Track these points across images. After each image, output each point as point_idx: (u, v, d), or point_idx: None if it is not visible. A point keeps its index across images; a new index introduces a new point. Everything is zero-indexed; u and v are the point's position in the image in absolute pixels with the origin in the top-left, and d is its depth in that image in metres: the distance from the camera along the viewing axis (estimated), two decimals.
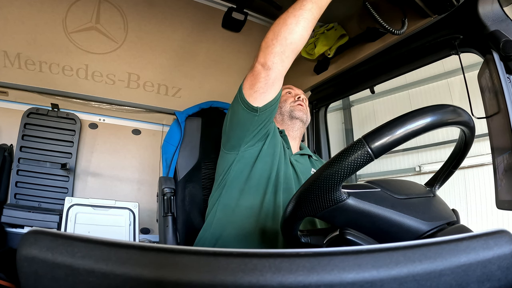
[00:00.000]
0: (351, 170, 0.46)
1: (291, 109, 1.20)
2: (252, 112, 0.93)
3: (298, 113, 1.20)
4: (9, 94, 1.75)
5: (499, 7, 0.83)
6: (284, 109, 1.22)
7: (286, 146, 1.13)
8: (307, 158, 1.19)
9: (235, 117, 0.97)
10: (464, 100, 0.89)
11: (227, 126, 1.01)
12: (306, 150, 1.23)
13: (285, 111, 1.21)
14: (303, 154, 1.19)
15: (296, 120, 1.19)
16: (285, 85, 1.22)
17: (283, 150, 1.09)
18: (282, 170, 1.02)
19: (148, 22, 1.47)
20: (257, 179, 0.98)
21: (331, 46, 1.28)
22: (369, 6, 0.93)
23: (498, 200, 0.81)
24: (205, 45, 1.61)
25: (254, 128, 0.97)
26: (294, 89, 1.26)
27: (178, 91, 1.87)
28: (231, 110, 1.00)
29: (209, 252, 0.26)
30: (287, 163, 1.07)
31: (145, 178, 2.08)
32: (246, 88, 0.93)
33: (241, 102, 0.93)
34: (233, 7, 1.42)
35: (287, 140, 1.16)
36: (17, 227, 1.62)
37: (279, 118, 1.22)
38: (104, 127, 2.02)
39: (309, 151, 1.25)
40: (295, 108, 1.20)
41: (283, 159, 1.06)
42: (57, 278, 0.25)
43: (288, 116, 1.20)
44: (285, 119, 1.21)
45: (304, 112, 1.21)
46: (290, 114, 1.20)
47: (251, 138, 0.99)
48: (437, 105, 0.49)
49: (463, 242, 0.28)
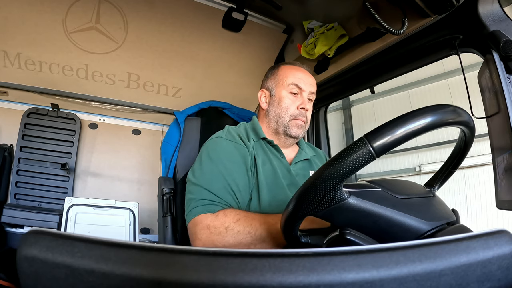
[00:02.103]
0: (353, 169, 0.46)
1: (288, 125, 1.02)
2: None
3: (295, 132, 1.02)
4: (9, 94, 1.75)
5: (499, 7, 0.83)
6: (281, 120, 1.02)
7: (279, 155, 1.02)
8: (306, 163, 1.09)
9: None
10: (464, 100, 0.89)
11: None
12: (301, 154, 1.09)
13: (282, 123, 1.02)
14: (302, 160, 1.08)
15: (290, 138, 1.04)
16: (296, 68, 1.06)
17: (277, 159, 1.00)
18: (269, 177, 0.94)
19: (148, 22, 1.47)
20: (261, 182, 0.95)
21: (331, 46, 1.28)
22: (369, 6, 0.93)
23: (498, 200, 0.81)
24: (205, 45, 1.61)
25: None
26: (303, 89, 1.03)
27: (178, 91, 1.87)
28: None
29: (209, 252, 0.26)
30: (284, 173, 0.98)
31: (145, 178, 2.08)
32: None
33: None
34: (233, 7, 1.42)
35: (280, 149, 1.03)
36: (17, 227, 1.62)
37: (273, 124, 1.04)
38: (104, 127, 2.02)
39: (305, 151, 1.12)
40: (293, 125, 1.02)
41: (278, 169, 0.97)
42: (57, 278, 0.25)
43: (283, 132, 1.03)
44: (279, 131, 1.04)
45: (303, 129, 1.04)
46: (285, 131, 1.02)
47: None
48: (437, 105, 0.49)
49: (463, 242, 0.28)
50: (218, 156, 0.92)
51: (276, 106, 1.04)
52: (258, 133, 1.03)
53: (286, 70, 1.07)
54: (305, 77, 1.05)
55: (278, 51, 1.68)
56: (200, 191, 0.87)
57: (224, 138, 0.97)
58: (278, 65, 1.11)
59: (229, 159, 0.92)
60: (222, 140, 0.97)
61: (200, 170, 0.91)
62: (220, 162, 0.90)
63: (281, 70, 1.08)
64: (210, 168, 0.90)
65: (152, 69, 1.72)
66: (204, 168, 0.91)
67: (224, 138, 0.97)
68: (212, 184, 0.87)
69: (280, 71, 1.08)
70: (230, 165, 0.91)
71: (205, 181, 0.88)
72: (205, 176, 0.89)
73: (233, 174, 0.89)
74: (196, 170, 0.93)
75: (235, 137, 0.99)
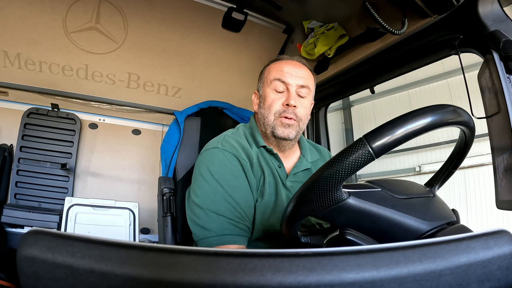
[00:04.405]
0: (352, 170, 0.46)
1: (273, 124, 0.91)
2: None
3: (282, 133, 0.91)
4: (9, 94, 1.75)
5: (499, 7, 0.83)
6: (266, 121, 0.92)
7: (278, 164, 0.95)
8: (307, 173, 1.00)
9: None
10: (464, 100, 0.89)
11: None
12: (302, 163, 1.00)
13: (267, 123, 0.92)
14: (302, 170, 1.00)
15: (280, 140, 0.93)
16: (281, 62, 0.96)
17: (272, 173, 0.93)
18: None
19: (148, 22, 1.47)
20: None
21: (331, 46, 1.28)
22: (369, 6, 0.93)
23: (498, 200, 0.81)
24: (205, 45, 1.61)
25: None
26: (288, 83, 0.91)
27: (178, 91, 1.87)
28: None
29: (209, 252, 0.26)
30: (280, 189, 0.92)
31: (145, 178, 2.08)
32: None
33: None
34: (233, 7, 1.42)
35: (279, 158, 0.96)
36: (17, 227, 1.62)
37: (262, 127, 0.95)
38: (104, 127, 2.02)
39: (307, 158, 1.03)
40: (278, 124, 0.91)
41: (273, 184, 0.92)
42: (57, 278, 0.25)
43: (271, 134, 0.92)
44: (268, 134, 0.93)
45: (292, 128, 0.91)
46: (272, 132, 0.92)
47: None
48: (437, 105, 0.49)
49: (463, 242, 0.28)
50: (219, 171, 0.86)
51: (262, 107, 0.96)
52: (258, 141, 0.96)
53: (271, 66, 0.99)
54: (291, 69, 0.93)
55: (278, 51, 1.68)
56: (208, 215, 0.84)
57: (221, 148, 0.89)
58: (268, 63, 1.03)
59: (232, 175, 0.87)
60: (219, 151, 0.89)
61: (203, 189, 0.86)
62: (223, 179, 0.85)
63: (267, 68, 1.00)
64: (214, 186, 0.85)
65: (152, 69, 1.72)
66: (207, 187, 0.86)
67: (221, 149, 0.89)
68: (218, 207, 0.83)
69: (266, 69, 1.01)
70: (233, 181, 0.86)
71: (211, 203, 0.84)
72: (209, 197, 0.85)
73: (238, 193, 0.85)
74: (199, 189, 0.87)
75: (234, 147, 0.91)
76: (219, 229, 0.83)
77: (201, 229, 0.84)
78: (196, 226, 0.86)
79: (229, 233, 0.83)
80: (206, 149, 0.93)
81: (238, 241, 0.84)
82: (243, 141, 0.94)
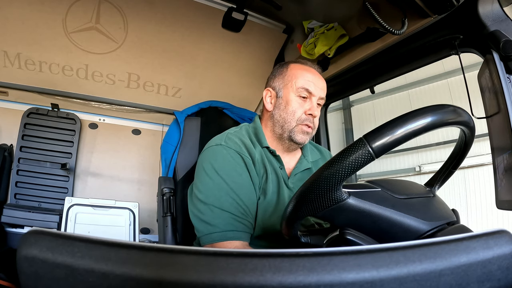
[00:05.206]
0: (352, 170, 0.46)
1: (294, 130, 0.96)
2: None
3: (300, 138, 0.96)
4: (9, 94, 1.76)
5: (499, 7, 0.83)
6: (287, 125, 0.96)
7: (279, 166, 0.97)
8: (307, 173, 1.02)
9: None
10: (464, 100, 0.89)
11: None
12: (302, 163, 1.02)
13: (287, 128, 0.96)
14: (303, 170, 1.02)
15: (294, 144, 0.98)
16: (306, 69, 0.99)
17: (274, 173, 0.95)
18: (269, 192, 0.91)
19: (148, 22, 1.47)
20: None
21: (331, 46, 1.28)
22: (369, 6, 0.93)
23: (498, 200, 0.81)
24: (205, 45, 1.61)
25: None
26: (313, 93, 0.96)
27: (178, 91, 1.87)
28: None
29: (209, 252, 0.26)
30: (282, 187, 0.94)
31: (145, 178, 2.08)
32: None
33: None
34: (233, 7, 1.42)
35: (281, 160, 0.98)
36: (17, 227, 1.62)
37: (278, 129, 0.98)
38: (104, 127, 2.02)
39: (308, 158, 1.06)
40: (298, 130, 0.96)
41: (274, 183, 0.93)
42: (57, 278, 0.25)
43: (287, 138, 0.97)
44: (284, 137, 0.98)
45: (309, 135, 0.98)
46: (290, 137, 0.96)
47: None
48: (437, 105, 0.49)
49: (463, 242, 0.28)
50: (223, 168, 0.87)
51: (282, 110, 0.97)
52: (261, 141, 0.97)
53: (296, 71, 0.99)
54: (315, 80, 0.98)
55: (278, 51, 1.68)
56: (212, 210, 0.84)
57: (225, 145, 0.91)
58: (287, 63, 1.04)
59: (236, 171, 0.88)
60: (223, 148, 0.90)
61: (207, 186, 0.87)
62: (226, 175, 0.86)
63: (291, 70, 1.00)
64: (218, 183, 0.86)
65: (152, 69, 1.72)
66: (211, 183, 0.86)
67: (224, 146, 0.90)
68: (222, 202, 0.84)
69: (289, 71, 1.00)
70: (237, 178, 0.87)
71: (215, 199, 0.85)
72: (213, 193, 0.85)
73: (241, 189, 0.86)
74: (202, 185, 0.88)
75: (237, 145, 0.92)
76: (223, 225, 0.83)
77: (205, 224, 0.85)
78: (200, 222, 0.86)
79: (233, 229, 0.83)
80: (209, 146, 0.94)
81: (242, 237, 0.84)
82: (246, 140, 0.96)
